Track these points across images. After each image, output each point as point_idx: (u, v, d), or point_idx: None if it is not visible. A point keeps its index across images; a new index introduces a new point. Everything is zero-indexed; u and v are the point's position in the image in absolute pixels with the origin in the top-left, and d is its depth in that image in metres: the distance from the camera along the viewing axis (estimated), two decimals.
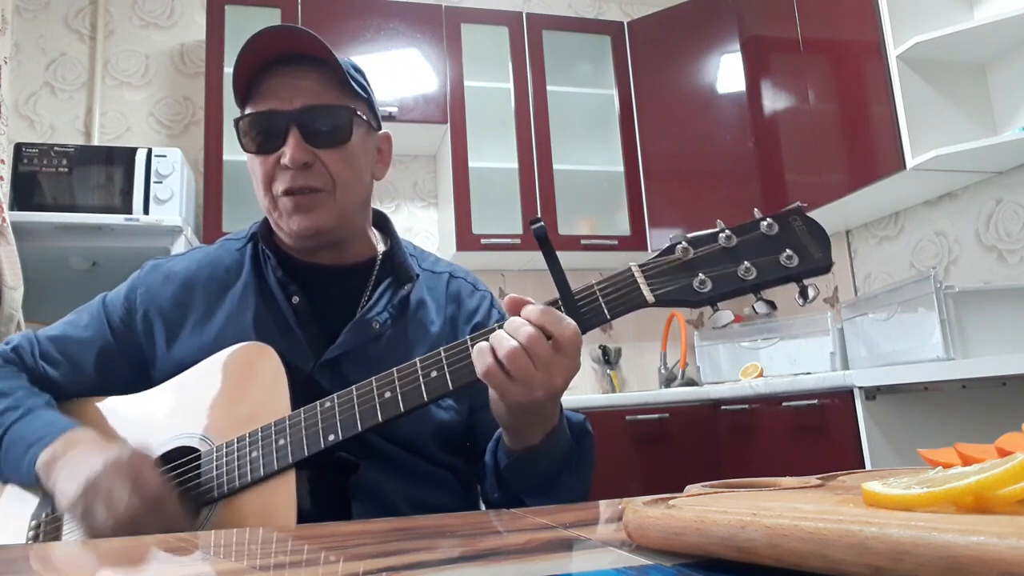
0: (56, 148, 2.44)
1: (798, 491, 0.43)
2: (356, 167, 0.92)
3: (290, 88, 0.88)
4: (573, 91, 3.20)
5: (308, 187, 0.88)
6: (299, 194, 0.88)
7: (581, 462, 0.87)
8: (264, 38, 0.87)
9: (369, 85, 0.97)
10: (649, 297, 0.70)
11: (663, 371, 3.13)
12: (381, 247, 1.01)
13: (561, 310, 0.72)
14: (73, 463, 0.77)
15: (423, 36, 2.99)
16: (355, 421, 0.74)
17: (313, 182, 0.88)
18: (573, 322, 0.70)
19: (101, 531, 0.73)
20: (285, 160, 0.86)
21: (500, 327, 0.71)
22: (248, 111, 0.89)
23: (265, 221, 0.98)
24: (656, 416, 2.54)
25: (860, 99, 2.39)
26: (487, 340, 0.71)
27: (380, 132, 0.99)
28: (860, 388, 1.95)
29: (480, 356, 0.70)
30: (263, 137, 0.88)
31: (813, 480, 0.48)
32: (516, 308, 0.73)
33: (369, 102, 0.96)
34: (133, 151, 2.48)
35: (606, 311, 0.71)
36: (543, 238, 0.70)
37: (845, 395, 2.00)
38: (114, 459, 0.74)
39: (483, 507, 0.95)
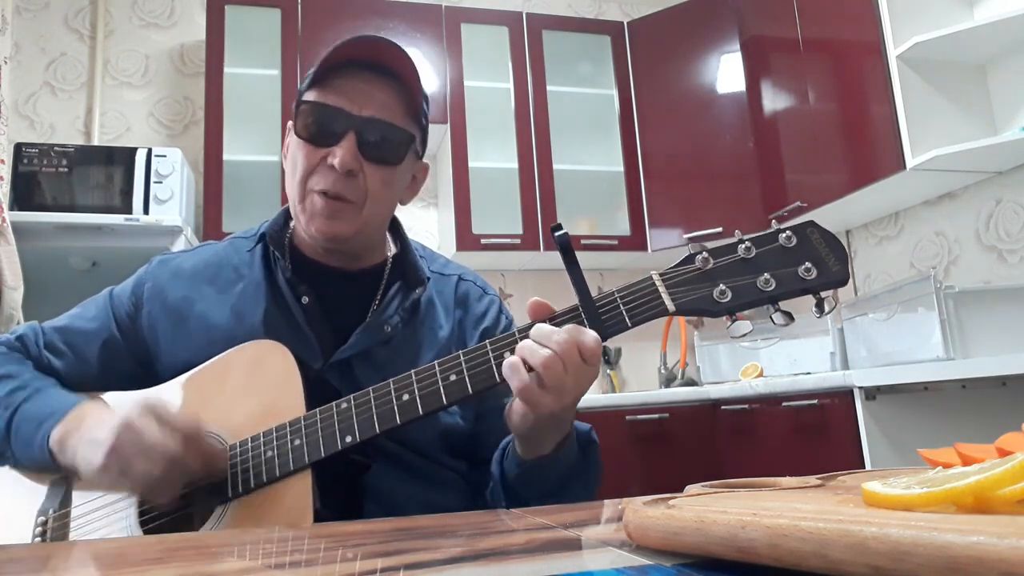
0: (56, 148, 2.44)
1: (798, 491, 0.43)
2: (392, 189, 0.92)
3: (364, 94, 0.87)
4: (573, 91, 3.20)
5: (342, 196, 0.87)
6: (332, 199, 0.87)
7: (588, 472, 0.87)
8: (367, 42, 0.86)
9: (429, 118, 0.97)
10: (670, 306, 0.70)
11: (663, 371, 3.13)
12: (392, 249, 1.01)
13: (582, 316, 0.72)
14: (90, 431, 0.77)
15: (423, 36, 2.99)
16: (373, 423, 0.74)
17: (348, 193, 0.87)
18: (593, 332, 0.70)
19: (144, 483, 0.73)
20: (334, 161, 0.85)
21: (524, 336, 0.71)
22: (317, 98, 0.88)
23: (276, 220, 0.97)
24: (656, 416, 2.54)
25: (860, 99, 2.39)
26: (513, 352, 0.70)
27: (421, 162, 0.99)
28: (860, 388, 1.95)
29: (514, 370, 0.69)
30: (320, 129, 0.87)
31: (813, 480, 0.48)
32: (540, 312, 0.73)
33: (425, 134, 0.95)
34: (133, 151, 2.48)
35: (627, 319, 0.71)
36: (566, 245, 0.70)
37: (845, 395, 2.00)
38: (129, 412, 0.74)
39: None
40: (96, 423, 0.77)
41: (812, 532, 0.29)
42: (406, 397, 0.74)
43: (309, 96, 0.88)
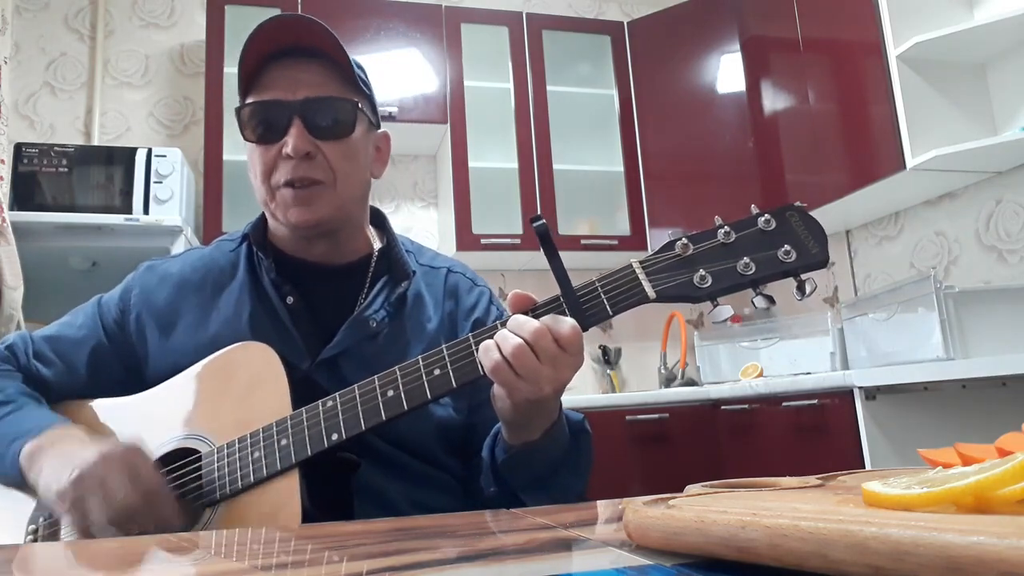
0: (56, 148, 2.44)
1: (798, 491, 0.43)
2: (356, 161, 0.92)
3: (294, 80, 0.88)
4: (573, 91, 3.20)
5: (308, 178, 0.87)
6: (299, 185, 0.87)
7: (579, 460, 0.87)
8: (273, 27, 0.87)
9: (371, 84, 0.97)
10: (650, 293, 0.70)
11: (663, 371, 3.13)
12: (377, 244, 1.01)
13: (563, 306, 0.72)
14: (61, 454, 0.76)
15: (423, 36, 2.99)
16: (358, 420, 0.74)
17: (314, 173, 0.88)
18: (571, 319, 0.70)
19: (93, 524, 0.72)
20: (287, 150, 0.86)
21: (503, 324, 0.72)
22: (251, 100, 0.89)
23: (257, 222, 0.97)
24: (656, 416, 2.54)
25: (860, 99, 2.39)
26: (492, 338, 0.71)
27: (379, 131, 1.00)
28: (860, 388, 1.95)
29: (486, 353, 0.70)
30: (265, 127, 0.88)
31: (813, 480, 0.48)
32: (521, 304, 0.73)
33: (371, 100, 0.96)
34: (133, 151, 2.48)
35: (608, 307, 0.71)
36: (544, 235, 0.70)
37: (845, 395, 2.00)
38: (108, 451, 0.74)
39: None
40: (69, 449, 0.77)
41: (812, 532, 0.29)
42: (391, 393, 0.74)
43: (244, 101, 0.89)
